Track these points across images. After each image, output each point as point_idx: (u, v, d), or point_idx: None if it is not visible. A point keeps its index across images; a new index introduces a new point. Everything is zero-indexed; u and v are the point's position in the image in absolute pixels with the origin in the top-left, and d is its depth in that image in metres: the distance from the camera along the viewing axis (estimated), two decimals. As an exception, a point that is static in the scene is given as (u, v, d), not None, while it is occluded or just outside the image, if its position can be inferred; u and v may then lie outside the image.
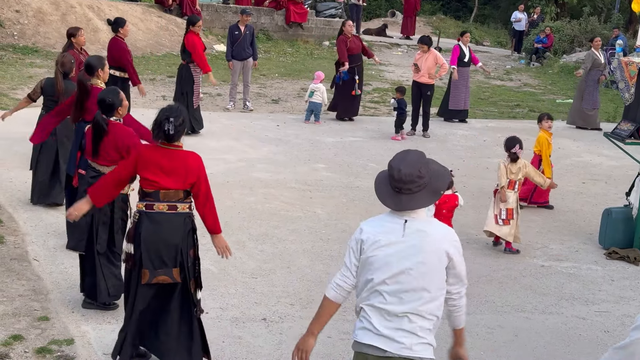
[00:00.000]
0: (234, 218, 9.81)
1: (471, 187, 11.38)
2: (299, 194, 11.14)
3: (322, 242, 9.37)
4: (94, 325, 6.80)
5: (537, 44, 28.89)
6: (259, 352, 6.59)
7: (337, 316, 7.34)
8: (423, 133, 15.58)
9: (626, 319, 7.83)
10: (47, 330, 6.63)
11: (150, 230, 5.90)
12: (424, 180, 4.29)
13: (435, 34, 29.44)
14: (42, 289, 7.41)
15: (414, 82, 15.57)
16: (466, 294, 4.71)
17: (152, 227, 5.90)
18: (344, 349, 6.71)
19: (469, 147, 14.94)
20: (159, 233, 5.90)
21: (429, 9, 39.24)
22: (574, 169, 13.90)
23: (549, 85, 24.25)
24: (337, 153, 13.63)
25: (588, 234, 10.33)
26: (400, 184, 4.28)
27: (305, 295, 7.81)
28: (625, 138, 9.89)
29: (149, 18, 23.30)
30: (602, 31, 29.09)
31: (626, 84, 9.75)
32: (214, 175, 11.44)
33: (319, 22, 28.22)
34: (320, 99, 15.73)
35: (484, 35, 36.38)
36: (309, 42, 26.90)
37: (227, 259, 6.36)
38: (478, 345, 7.00)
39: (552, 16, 34.09)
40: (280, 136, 14.52)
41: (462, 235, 9.57)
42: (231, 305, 7.41)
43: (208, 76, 14.21)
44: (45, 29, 20.74)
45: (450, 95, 17.20)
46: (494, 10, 41.70)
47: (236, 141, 13.93)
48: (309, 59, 24.64)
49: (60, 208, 9.60)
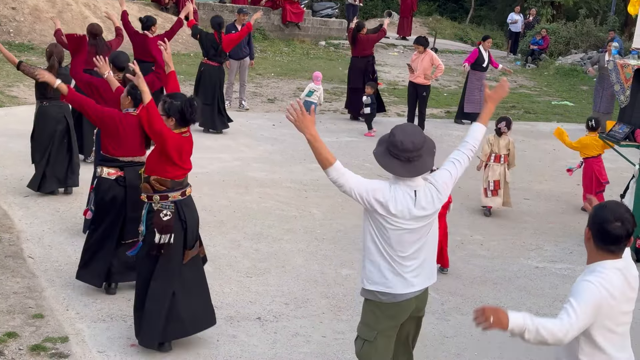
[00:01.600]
0: (229, 217, 9.81)
1: (466, 189, 11.38)
2: (295, 193, 11.15)
3: (317, 241, 9.38)
4: (88, 323, 6.80)
5: (533, 45, 28.92)
6: (253, 351, 6.59)
7: (332, 315, 7.38)
8: (419, 134, 15.56)
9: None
10: (42, 328, 6.63)
11: (189, 216, 6.42)
12: (426, 144, 4.93)
13: (432, 34, 29.46)
14: (36, 287, 7.41)
15: (410, 82, 15.61)
16: (460, 295, 4.73)
17: (190, 212, 6.43)
18: (338, 348, 6.72)
19: (464, 148, 14.95)
20: (194, 215, 6.50)
21: (425, 10, 39.23)
22: (569, 171, 13.90)
23: (545, 87, 24.28)
24: (332, 152, 13.60)
25: (582, 236, 10.31)
26: (413, 153, 4.85)
27: (300, 295, 7.81)
28: (620, 140, 9.91)
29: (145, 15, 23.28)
30: (598, 33, 29.17)
31: (621, 86, 9.77)
32: (210, 174, 11.45)
33: (315, 21, 28.23)
34: (317, 99, 15.81)
35: (480, 36, 36.36)
36: (305, 42, 26.91)
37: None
38: (472, 346, 7.01)
39: (548, 18, 34.12)
40: (276, 135, 14.53)
41: (457, 235, 9.60)
42: (226, 304, 7.41)
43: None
44: (41, 27, 20.72)
45: (465, 99, 17.22)
46: (490, 12, 41.71)
47: (232, 140, 13.93)
48: (305, 58, 24.65)
49: (56, 205, 9.61)
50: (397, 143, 4.89)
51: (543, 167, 14.08)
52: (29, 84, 15.91)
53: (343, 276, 8.40)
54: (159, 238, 6.25)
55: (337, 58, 25.45)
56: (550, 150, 15.38)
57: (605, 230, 4.03)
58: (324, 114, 17.01)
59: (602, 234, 4.05)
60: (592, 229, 4.10)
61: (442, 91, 21.49)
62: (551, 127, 17.64)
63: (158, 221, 6.28)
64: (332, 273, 8.42)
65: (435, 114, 18.17)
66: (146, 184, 6.34)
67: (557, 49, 29.04)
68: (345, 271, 8.52)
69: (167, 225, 6.28)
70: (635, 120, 9.75)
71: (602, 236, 4.05)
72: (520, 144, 15.71)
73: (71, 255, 8.17)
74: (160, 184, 6.30)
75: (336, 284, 8.14)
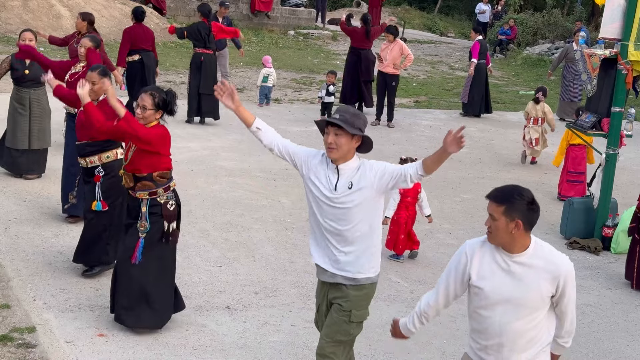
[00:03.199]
0: (198, 206, 9.77)
1: (435, 178, 11.41)
2: (264, 182, 11.12)
3: (286, 230, 9.37)
4: (56, 313, 6.74)
5: (501, 35, 29.09)
6: (222, 340, 6.58)
7: (301, 304, 7.38)
8: (387, 123, 15.62)
9: (587, 308, 7.93)
10: (8, 318, 6.57)
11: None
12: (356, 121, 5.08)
13: (400, 24, 29.50)
14: (3, 277, 7.33)
15: (379, 72, 15.61)
16: (429, 284, 4.80)
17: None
18: (307, 337, 6.72)
19: (433, 137, 15.00)
20: None
21: (394, 0, 39.27)
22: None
23: (512, 76, 24.44)
24: (302, 142, 13.43)
25: (550, 224, 10.44)
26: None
27: (269, 284, 7.80)
28: (587, 129, 9.99)
29: (112, 5, 23.07)
30: (565, 24, 29.39)
31: (589, 75, 9.84)
32: (178, 163, 11.33)
33: (284, 11, 28.16)
34: (272, 82, 16.28)
35: (449, 26, 36.53)
36: (274, 31, 26.84)
37: None
38: (441, 334, 7.05)
39: (516, 8, 34.32)
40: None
41: (426, 224, 9.61)
42: (195, 294, 7.39)
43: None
44: (7, 15, 20.47)
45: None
46: (458, 2, 41.82)
47: (200, 129, 13.87)
48: (274, 48, 24.58)
49: (23, 195, 9.51)
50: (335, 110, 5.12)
51: (511, 155, 14.16)
52: None
53: (312, 265, 8.34)
54: (167, 227, 6.44)
55: (305, 48, 25.42)
56: (519, 139, 15.46)
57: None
58: (293, 103, 16.98)
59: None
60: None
61: (411, 81, 21.53)
62: (519, 117, 17.77)
63: (167, 213, 6.45)
64: (302, 262, 8.41)
65: (404, 103, 18.21)
66: (147, 181, 6.39)
67: (524, 39, 29.22)
68: (315, 260, 8.51)
69: (173, 213, 6.50)
70: (601, 110, 9.84)
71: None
72: (488, 133, 15.82)
73: (38, 245, 8.10)
74: (162, 177, 6.48)
75: (305, 272, 8.14)
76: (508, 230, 4.14)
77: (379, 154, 13.31)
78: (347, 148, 4.99)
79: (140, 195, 6.43)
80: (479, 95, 17.24)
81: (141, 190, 6.43)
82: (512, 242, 4.17)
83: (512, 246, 4.19)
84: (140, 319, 6.51)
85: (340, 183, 5.02)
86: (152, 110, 6.38)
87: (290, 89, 18.52)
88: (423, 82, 21.71)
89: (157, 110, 6.42)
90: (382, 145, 13.93)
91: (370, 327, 7.08)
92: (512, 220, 4.12)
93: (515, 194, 4.19)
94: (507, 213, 4.13)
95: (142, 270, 6.45)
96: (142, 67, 13.29)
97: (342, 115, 4.98)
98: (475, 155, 13.90)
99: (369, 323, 7.16)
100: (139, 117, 6.39)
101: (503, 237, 4.18)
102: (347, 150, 5.01)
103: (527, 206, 4.15)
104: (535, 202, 4.19)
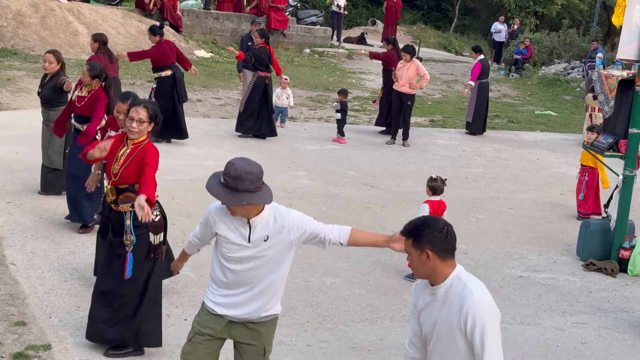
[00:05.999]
0: (213, 224, 9.76)
1: (450, 197, 11.38)
2: (279, 201, 10.97)
3: (301, 249, 9.33)
4: (71, 331, 6.75)
5: (517, 55, 29.09)
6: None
7: (316, 324, 7.36)
8: (403, 142, 15.62)
9: (603, 331, 7.87)
10: (24, 336, 6.57)
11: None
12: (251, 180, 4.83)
13: (416, 43, 29.55)
14: (19, 294, 7.35)
15: (395, 91, 15.59)
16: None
17: None
18: (322, 357, 6.69)
19: (448, 156, 14.99)
20: None
21: (409, 19, 39.36)
22: (553, 181, 13.97)
23: (528, 96, 24.40)
24: (317, 161, 13.63)
25: (566, 246, 10.39)
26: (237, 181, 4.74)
27: (284, 303, 7.69)
28: (604, 150, 9.95)
29: (129, 22, 23.20)
30: (581, 44, 29.37)
31: (605, 96, 9.82)
32: (194, 181, 11.40)
33: (300, 29, 28.25)
34: (287, 103, 16.18)
35: (464, 45, 36.56)
36: (289, 49, 26.91)
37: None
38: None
39: (532, 28, 34.35)
40: (261, 143, 14.50)
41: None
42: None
43: None
44: (24, 32, 20.60)
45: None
46: (474, 21, 41.91)
47: (217, 147, 13.89)
48: (289, 66, 24.62)
49: (39, 212, 9.54)
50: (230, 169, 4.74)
51: (527, 176, 14.12)
52: (11, 89, 15.84)
53: (327, 285, 8.38)
54: (153, 238, 6.33)
55: (321, 66, 25.47)
56: (534, 159, 15.44)
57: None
58: (309, 121, 17.00)
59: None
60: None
61: (426, 100, 21.54)
62: (534, 137, 17.76)
63: (153, 224, 6.29)
64: (317, 281, 8.40)
65: (419, 122, 18.21)
66: (130, 193, 6.32)
67: (540, 59, 29.22)
68: (330, 280, 8.51)
69: (159, 225, 6.37)
70: (619, 131, 9.80)
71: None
72: (504, 153, 15.78)
73: (54, 262, 8.12)
74: None
75: (320, 292, 8.12)
76: (422, 262, 4.04)
77: (395, 174, 13.34)
78: (253, 208, 4.88)
79: (124, 207, 6.35)
80: (481, 115, 17.25)
81: (124, 202, 6.35)
82: (432, 273, 4.06)
83: (434, 277, 4.08)
84: (132, 338, 6.45)
85: (255, 236, 4.89)
86: (147, 122, 6.30)
87: (305, 107, 18.54)
88: (438, 101, 21.70)
89: (150, 123, 6.34)
90: (397, 165, 13.93)
91: (386, 348, 7.07)
92: (422, 252, 4.02)
93: (421, 225, 4.05)
94: (415, 245, 4.03)
95: (132, 286, 6.35)
96: (175, 82, 13.48)
97: (227, 183, 4.76)
98: (490, 175, 13.87)
99: (385, 344, 7.15)
100: (133, 131, 6.28)
101: (422, 270, 4.08)
102: (254, 207, 4.89)
103: (435, 234, 4.01)
104: (445, 229, 4.02)
